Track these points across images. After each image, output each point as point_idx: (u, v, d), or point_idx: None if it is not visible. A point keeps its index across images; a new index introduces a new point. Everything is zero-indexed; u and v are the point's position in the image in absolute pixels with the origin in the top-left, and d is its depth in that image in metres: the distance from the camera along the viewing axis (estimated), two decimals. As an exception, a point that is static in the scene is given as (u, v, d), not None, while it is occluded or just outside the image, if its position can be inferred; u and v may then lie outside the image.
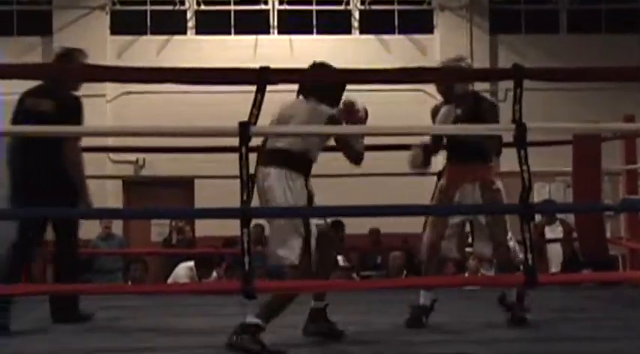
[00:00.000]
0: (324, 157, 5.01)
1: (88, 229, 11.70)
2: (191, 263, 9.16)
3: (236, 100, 11.60)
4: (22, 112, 5.50)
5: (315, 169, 4.93)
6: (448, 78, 4.62)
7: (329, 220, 4.95)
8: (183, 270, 9.17)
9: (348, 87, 4.80)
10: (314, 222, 4.65)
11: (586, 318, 5.61)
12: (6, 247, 5.41)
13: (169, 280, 9.39)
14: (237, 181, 3.97)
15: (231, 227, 4.95)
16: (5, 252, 5.36)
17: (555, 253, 10.97)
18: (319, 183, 4.85)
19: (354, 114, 4.80)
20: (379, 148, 8.32)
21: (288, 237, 4.55)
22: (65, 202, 5.36)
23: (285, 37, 15.11)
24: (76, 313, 5.73)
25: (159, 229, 13.49)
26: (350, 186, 10.00)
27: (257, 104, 3.63)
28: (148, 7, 15.30)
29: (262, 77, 3.61)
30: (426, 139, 5.56)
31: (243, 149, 3.56)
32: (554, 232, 11.01)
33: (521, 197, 4.39)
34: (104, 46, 14.64)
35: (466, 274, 9.25)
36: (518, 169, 4.38)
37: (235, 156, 4.16)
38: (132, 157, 14.03)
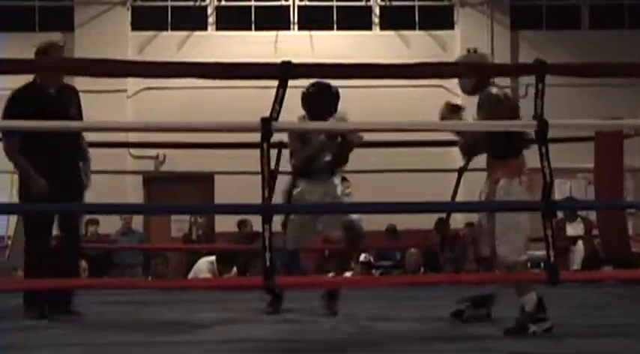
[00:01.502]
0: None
1: (109, 224, 11.84)
2: (212, 258, 9.17)
3: (257, 96, 11.63)
4: None
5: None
6: (471, 73, 4.58)
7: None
8: (205, 264, 9.19)
9: (369, 82, 4.85)
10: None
11: (608, 315, 5.57)
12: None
13: (190, 275, 9.41)
14: (258, 177, 3.97)
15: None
16: None
17: (577, 250, 10.92)
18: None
19: None
20: (394, 145, 8.30)
21: None
22: None
23: (306, 33, 15.10)
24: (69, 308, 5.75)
25: (179, 225, 13.52)
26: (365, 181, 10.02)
27: (279, 99, 3.62)
28: (169, 3, 15.33)
29: (285, 72, 3.61)
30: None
31: (265, 145, 3.55)
32: (575, 229, 10.95)
33: (543, 194, 4.37)
34: (125, 42, 14.70)
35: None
36: (539, 166, 4.35)
37: (255, 152, 4.17)
38: (152, 152, 14.07)
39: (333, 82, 5.38)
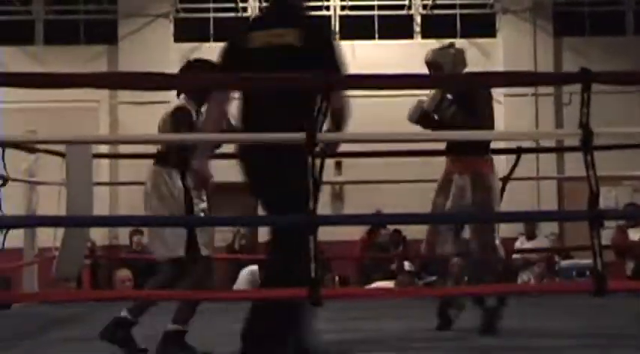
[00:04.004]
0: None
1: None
2: (254, 267, 9.16)
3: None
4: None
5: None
6: (513, 82, 4.54)
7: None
8: (247, 274, 9.18)
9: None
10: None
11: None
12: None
13: (235, 286, 9.43)
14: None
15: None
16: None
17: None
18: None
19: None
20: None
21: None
22: None
23: (348, 43, 15.10)
24: None
25: (223, 235, 13.57)
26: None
27: (324, 111, 3.63)
28: (211, 15, 15.44)
29: (326, 83, 3.62)
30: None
31: (310, 157, 3.56)
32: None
33: (589, 203, 4.32)
34: (168, 54, 14.82)
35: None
36: (584, 174, 4.30)
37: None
38: (196, 163, 14.16)
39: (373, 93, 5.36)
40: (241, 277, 9.29)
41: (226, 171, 11.93)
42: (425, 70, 5.93)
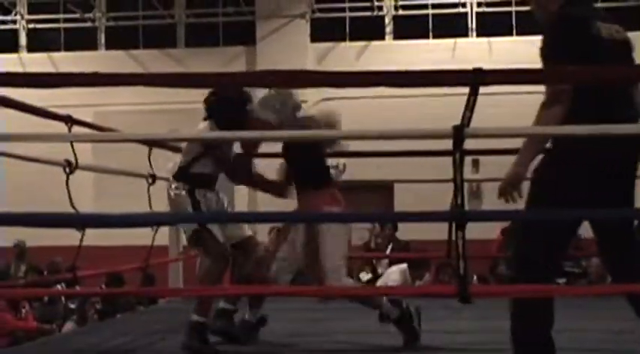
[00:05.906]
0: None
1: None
2: (403, 266, 9.14)
3: (434, 103, 11.49)
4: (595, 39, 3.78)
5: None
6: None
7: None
8: (396, 273, 9.15)
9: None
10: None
11: None
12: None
13: (379, 282, 9.42)
14: (435, 186, 3.99)
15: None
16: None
17: None
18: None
19: None
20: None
21: None
22: None
23: (484, 40, 14.95)
24: None
25: (360, 233, 13.62)
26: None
27: (470, 106, 3.58)
28: (347, 14, 15.54)
29: (477, 79, 3.57)
30: None
31: (457, 153, 3.51)
32: None
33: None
34: (305, 53, 15.00)
35: None
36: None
37: (433, 160, 4.15)
38: (332, 161, 14.26)
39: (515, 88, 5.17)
40: (389, 273, 9.25)
41: (364, 170, 11.86)
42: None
